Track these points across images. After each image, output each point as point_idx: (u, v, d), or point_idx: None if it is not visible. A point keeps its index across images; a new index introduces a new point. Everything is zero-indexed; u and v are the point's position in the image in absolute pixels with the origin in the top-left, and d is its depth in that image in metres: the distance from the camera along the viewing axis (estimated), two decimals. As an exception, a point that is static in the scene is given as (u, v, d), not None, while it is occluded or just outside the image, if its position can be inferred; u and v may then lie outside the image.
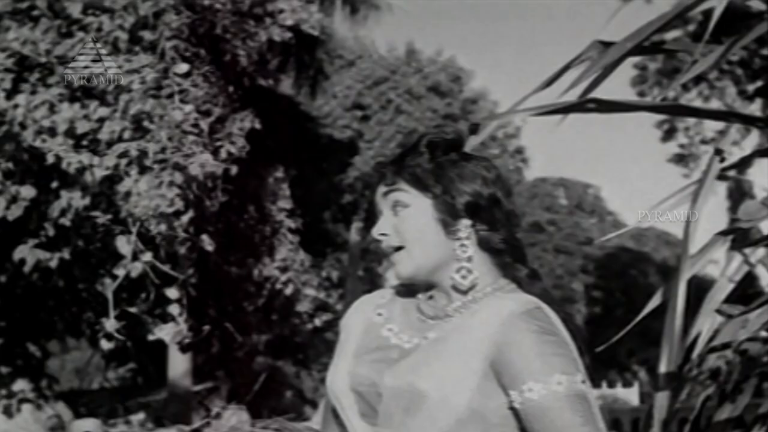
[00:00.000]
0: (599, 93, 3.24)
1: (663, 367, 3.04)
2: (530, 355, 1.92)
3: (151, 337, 7.52)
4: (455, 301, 2.01)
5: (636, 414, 22.14)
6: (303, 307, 11.16)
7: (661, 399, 3.10)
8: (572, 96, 3.19)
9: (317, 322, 15.74)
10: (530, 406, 1.91)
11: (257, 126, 7.76)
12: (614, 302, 41.68)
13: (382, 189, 2.05)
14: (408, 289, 2.08)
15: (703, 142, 28.38)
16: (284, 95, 14.13)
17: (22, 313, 8.26)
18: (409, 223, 2.00)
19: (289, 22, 9.03)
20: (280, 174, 9.33)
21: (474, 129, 3.23)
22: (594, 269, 42.66)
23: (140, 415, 9.64)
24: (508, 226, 2.02)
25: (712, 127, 26.37)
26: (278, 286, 9.26)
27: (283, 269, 9.18)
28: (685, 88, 24.19)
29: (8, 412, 8.07)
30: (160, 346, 9.46)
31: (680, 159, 29.48)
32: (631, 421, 21.84)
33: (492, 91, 50.72)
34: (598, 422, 1.96)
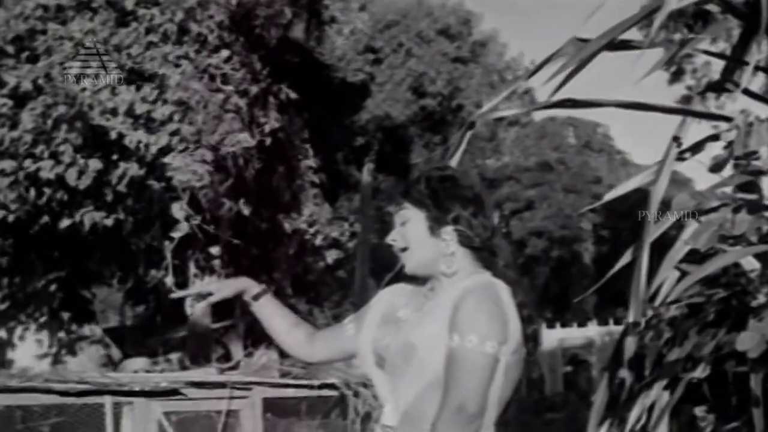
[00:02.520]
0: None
1: (630, 317, 3.44)
2: (463, 316, 2.59)
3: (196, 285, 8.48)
4: (443, 283, 2.80)
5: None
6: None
7: (630, 343, 3.50)
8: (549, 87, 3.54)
9: (329, 260, 16.40)
10: (449, 352, 2.59)
11: (292, 96, 8.69)
12: (622, 242, 42.14)
13: (393, 208, 2.86)
14: (417, 282, 2.89)
15: (710, 83, 28.74)
16: (296, 41, 14.73)
17: (78, 265, 9.20)
18: (410, 231, 2.80)
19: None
20: (305, 135, 10.23)
21: (471, 125, 3.82)
22: (602, 208, 42.93)
23: (177, 354, 10.50)
24: (484, 231, 2.78)
25: (719, 69, 26.78)
26: (307, 237, 10.24)
27: (311, 223, 10.14)
28: (691, 29, 24.57)
29: (72, 351, 9.11)
30: (181, 286, 10.28)
31: (687, 100, 29.89)
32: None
33: (501, 34, 50.81)
34: (484, 386, 2.62)
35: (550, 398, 32.10)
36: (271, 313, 3.10)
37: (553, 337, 38.64)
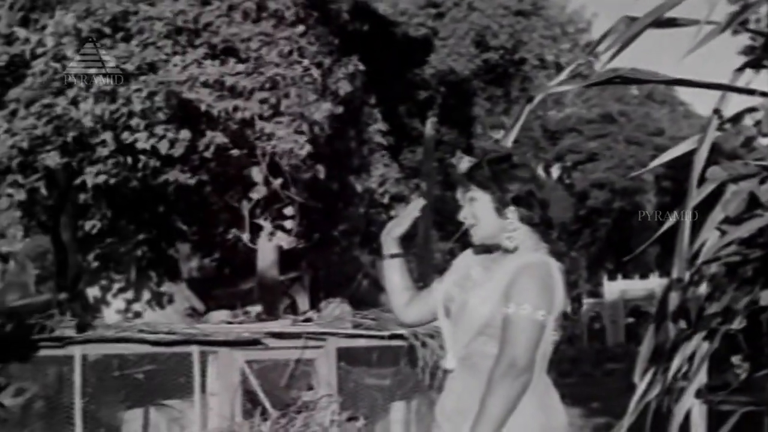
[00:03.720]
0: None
1: (674, 273, 3.61)
2: (519, 288, 3.06)
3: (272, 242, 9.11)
4: (506, 255, 3.25)
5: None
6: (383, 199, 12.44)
7: (673, 298, 3.66)
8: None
9: (393, 213, 16.70)
10: (505, 317, 3.06)
11: (361, 68, 9.23)
12: (684, 192, 41.69)
13: (461, 190, 3.31)
14: (484, 249, 3.36)
15: (748, 62, 28.33)
16: (362, 3, 14.98)
17: (164, 225, 9.83)
18: (478, 210, 3.26)
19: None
20: (373, 100, 10.77)
21: (530, 100, 3.99)
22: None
23: (257, 307, 10.99)
24: (542, 209, 3.25)
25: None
26: (375, 196, 10.82)
27: (381, 183, 10.70)
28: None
29: (160, 304, 9.76)
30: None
31: (750, 50, 29.55)
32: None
33: (564, -14, 50.14)
34: (532, 347, 3.06)
35: (611, 349, 32.30)
36: (396, 272, 3.53)
37: (614, 288, 38.79)
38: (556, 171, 50.58)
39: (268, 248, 11.92)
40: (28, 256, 9.50)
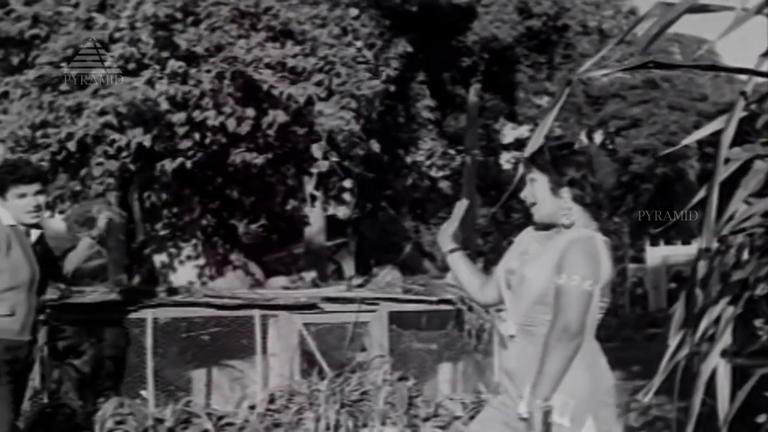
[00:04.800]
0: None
1: (703, 243, 3.58)
2: (569, 261, 3.45)
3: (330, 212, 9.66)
4: (561, 231, 3.62)
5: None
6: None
7: (701, 266, 3.71)
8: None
9: (433, 170, 16.95)
10: (557, 288, 3.44)
11: (409, 50, 9.71)
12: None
13: (524, 170, 3.70)
14: (544, 227, 3.71)
15: None
16: None
17: (227, 197, 10.34)
18: (537, 190, 3.67)
19: None
20: (422, 77, 11.25)
21: (569, 83, 4.52)
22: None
23: (312, 273, 11.44)
24: (594, 190, 3.65)
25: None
26: (423, 169, 11.32)
27: (429, 156, 11.20)
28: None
29: (222, 271, 10.27)
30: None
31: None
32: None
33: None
34: (582, 314, 3.43)
35: (652, 314, 32.52)
36: (461, 264, 3.95)
37: (657, 254, 39.00)
38: (599, 137, 50.52)
39: (316, 215, 12.40)
40: (77, 221, 9.87)
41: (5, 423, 5.11)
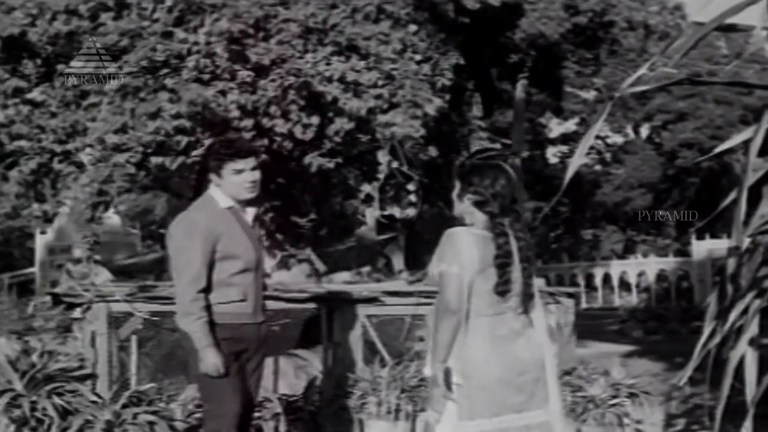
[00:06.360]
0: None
1: (733, 242, 4.09)
2: (440, 251, 4.07)
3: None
4: None
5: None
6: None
7: (731, 263, 4.21)
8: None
9: None
10: (431, 276, 4.15)
11: (461, 62, 10.35)
12: (771, 151, 41.07)
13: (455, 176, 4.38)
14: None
15: None
16: None
17: (289, 196, 11.00)
18: (454, 193, 4.22)
19: None
20: (471, 85, 11.90)
21: (611, 98, 4.75)
22: (753, 120, 41.58)
23: (367, 268, 11.99)
24: (493, 199, 4.11)
25: None
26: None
27: (479, 160, 11.71)
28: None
29: (287, 266, 10.88)
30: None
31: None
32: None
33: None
34: (457, 293, 3.99)
35: (698, 307, 32.63)
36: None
37: (702, 248, 39.13)
38: (645, 130, 50.67)
39: (368, 213, 12.93)
40: (128, 215, 10.30)
41: (233, 416, 4.98)
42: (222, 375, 4.93)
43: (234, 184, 5.04)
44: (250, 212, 5.25)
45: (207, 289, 4.96)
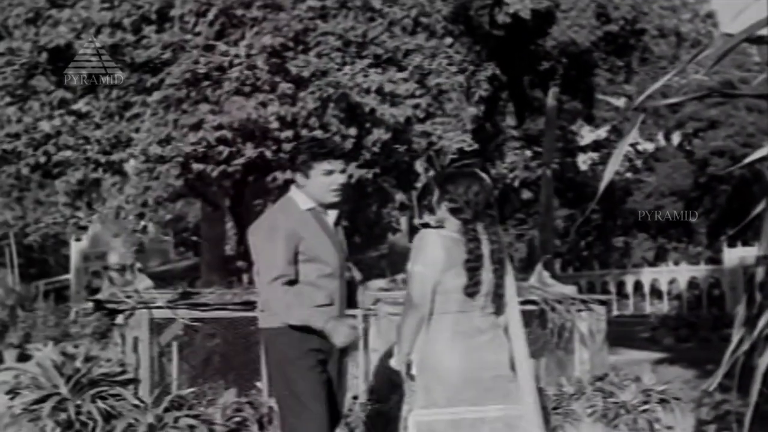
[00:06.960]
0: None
1: (761, 251, 3.84)
2: (411, 252, 4.38)
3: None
4: None
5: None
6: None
7: (760, 271, 3.91)
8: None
9: (516, 182, 17.55)
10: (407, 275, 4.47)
11: (497, 72, 10.58)
12: (805, 160, 40.89)
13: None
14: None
15: None
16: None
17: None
18: (433, 200, 4.54)
19: None
20: (504, 95, 12.13)
21: (644, 110, 4.67)
22: None
23: (402, 275, 12.09)
24: (467, 206, 4.39)
25: None
26: (507, 180, 12.16)
27: (511, 169, 12.02)
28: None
29: None
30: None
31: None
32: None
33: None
34: (419, 290, 4.30)
35: (729, 315, 32.60)
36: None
37: (734, 255, 39.10)
38: (676, 138, 50.66)
39: (402, 218, 13.20)
40: (159, 222, 10.41)
41: (318, 418, 4.81)
42: (310, 379, 4.81)
43: (321, 185, 4.85)
44: (332, 215, 5.03)
45: (294, 284, 4.80)
